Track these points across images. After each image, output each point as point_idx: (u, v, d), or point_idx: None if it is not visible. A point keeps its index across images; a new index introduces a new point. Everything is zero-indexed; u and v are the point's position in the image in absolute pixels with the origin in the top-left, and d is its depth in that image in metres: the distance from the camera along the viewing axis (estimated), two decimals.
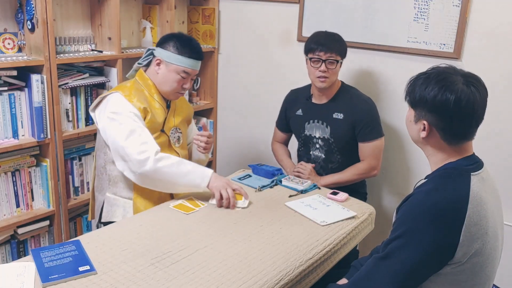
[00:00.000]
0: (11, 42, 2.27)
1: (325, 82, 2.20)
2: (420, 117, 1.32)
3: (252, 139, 3.14)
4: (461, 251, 1.21)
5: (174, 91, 2.03)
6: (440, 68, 1.33)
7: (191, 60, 1.99)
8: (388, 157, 2.52)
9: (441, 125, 1.29)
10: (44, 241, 2.45)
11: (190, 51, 1.99)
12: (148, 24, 2.82)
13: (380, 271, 1.28)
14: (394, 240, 1.27)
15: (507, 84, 2.16)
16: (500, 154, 2.22)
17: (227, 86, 3.21)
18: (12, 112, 2.19)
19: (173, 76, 1.99)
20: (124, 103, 1.92)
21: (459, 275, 1.25)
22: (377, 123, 2.26)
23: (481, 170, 1.32)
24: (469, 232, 1.21)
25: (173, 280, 1.38)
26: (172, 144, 2.09)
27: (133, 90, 1.99)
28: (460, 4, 2.18)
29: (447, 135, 1.30)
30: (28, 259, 1.46)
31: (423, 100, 1.29)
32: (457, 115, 1.25)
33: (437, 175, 1.32)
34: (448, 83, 1.26)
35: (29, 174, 2.32)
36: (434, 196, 1.25)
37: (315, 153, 2.37)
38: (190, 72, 2.01)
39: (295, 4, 2.73)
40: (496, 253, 1.31)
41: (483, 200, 1.25)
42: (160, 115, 2.03)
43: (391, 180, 2.59)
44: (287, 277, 1.46)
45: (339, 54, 2.19)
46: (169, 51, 1.98)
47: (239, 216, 1.81)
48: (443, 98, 1.25)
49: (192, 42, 2.02)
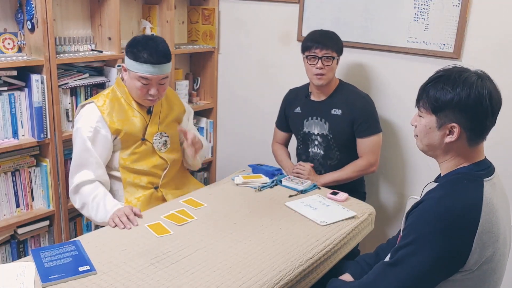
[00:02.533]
0: (11, 42, 2.27)
1: (322, 79, 2.22)
2: (446, 121, 1.27)
3: (252, 139, 3.14)
4: (473, 259, 1.19)
5: (141, 98, 1.97)
6: (451, 69, 1.30)
7: (146, 66, 1.88)
8: (388, 156, 2.52)
9: (471, 125, 1.25)
10: (44, 241, 2.45)
11: (146, 56, 1.87)
12: (148, 24, 2.82)
13: (388, 277, 1.26)
14: (404, 247, 1.25)
15: (507, 84, 2.15)
16: (500, 154, 2.21)
17: (227, 86, 3.21)
18: (12, 112, 2.19)
19: (135, 83, 1.93)
20: (91, 117, 1.94)
21: (468, 282, 1.23)
22: (374, 119, 2.26)
23: (493, 175, 1.30)
24: (481, 240, 1.19)
25: (173, 280, 1.38)
26: (157, 150, 2.05)
27: (109, 99, 1.98)
28: (460, 4, 2.18)
29: (474, 136, 1.27)
30: (28, 259, 1.46)
31: (451, 102, 1.24)
32: (489, 110, 1.24)
33: (449, 181, 1.29)
34: (473, 82, 1.24)
35: (29, 174, 2.32)
36: (446, 203, 1.22)
37: (314, 150, 2.37)
38: (150, 78, 1.89)
39: (295, 4, 2.73)
40: (505, 259, 1.30)
41: (495, 207, 1.23)
42: (138, 123, 2.00)
43: (390, 179, 2.59)
44: (287, 277, 1.46)
45: (335, 50, 2.21)
46: (128, 57, 1.93)
47: (239, 216, 1.81)
48: (477, 96, 1.22)
49: (149, 46, 1.89)
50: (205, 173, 3.38)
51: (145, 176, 2.04)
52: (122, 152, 2.00)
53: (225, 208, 1.87)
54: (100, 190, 1.92)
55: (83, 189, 1.92)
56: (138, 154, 2.01)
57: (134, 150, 2.00)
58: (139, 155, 2.02)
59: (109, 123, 1.93)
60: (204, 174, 3.38)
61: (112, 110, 1.96)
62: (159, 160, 2.06)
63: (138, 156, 2.01)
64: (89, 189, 1.91)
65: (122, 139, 1.97)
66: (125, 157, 2.00)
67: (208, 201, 1.92)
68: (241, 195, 2.01)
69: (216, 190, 2.07)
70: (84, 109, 1.99)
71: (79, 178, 1.92)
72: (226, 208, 1.87)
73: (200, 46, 3.09)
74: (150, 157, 2.04)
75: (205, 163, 3.34)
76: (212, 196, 1.98)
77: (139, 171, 2.02)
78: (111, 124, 1.94)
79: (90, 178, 1.92)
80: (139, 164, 2.02)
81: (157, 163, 2.06)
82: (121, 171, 2.00)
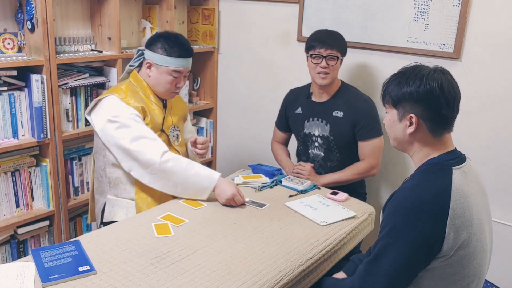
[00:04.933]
0: (11, 42, 2.27)
1: (326, 79, 2.21)
2: (405, 113, 1.34)
3: (252, 139, 3.14)
4: (448, 244, 1.23)
5: (169, 92, 2.03)
6: (409, 66, 1.38)
7: (180, 60, 1.98)
8: (388, 157, 2.52)
9: (428, 115, 1.32)
10: (44, 241, 2.45)
11: (178, 50, 1.97)
12: (148, 24, 2.82)
13: (372, 274, 1.30)
14: (381, 240, 1.30)
15: (507, 84, 2.16)
16: (499, 153, 2.22)
17: (227, 86, 3.21)
18: (12, 112, 2.19)
19: (165, 78, 1.99)
20: (122, 105, 1.92)
21: (447, 269, 1.26)
22: (376, 122, 2.26)
23: (463, 164, 1.34)
24: (454, 225, 1.23)
25: (173, 280, 1.38)
26: (172, 142, 2.09)
27: (129, 91, 1.99)
28: (460, 4, 2.18)
29: (434, 125, 1.33)
30: (28, 259, 1.46)
31: (406, 94, 1.32)
32: (442, 100, 1.29)
33: (420, 171, 1.35)
34: (426, 75, 1.31)
35: (29, 174, 2.32)
36: (416, 191, 1.27)
37: (314, 151, 2.37)
38: (182, 71, 2.01)
39: (295, 4, 2.73)
40: (484, 245, 1.32)
41: (465, 193, 1.27)
42: (158, 115, 2.03)
43: (391, 179, 2.59)
44: (287, 277, 1.46)
45: (339, 51, 2.21)
46: (158, 53, 1.97)
47: (239, 216, 1.81)
48: (427, 87, 1.30)
49: (179, 41, 2.00)
50: None
51: None
52: None
53: (225, 208, 1.87)
54: (184, 159, 1.91)
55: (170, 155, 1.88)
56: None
57: None
58: None
59: (136, 108, 1.94)
60: None
61: (135, 101, 1.96)
62: (174, 152, 2.05)
63: None
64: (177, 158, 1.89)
65: (148, 124, 1.96)
66: None
67: (208, 201, 1.92)
68: None
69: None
70: (107, 99, 1.95)
71: (161, 147, 1.88)
72: (226, 208, 1.87)
73: (200, 46, 3.10)
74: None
75: (205, 163, 3.34)
76: (212, 196, 1.98)
77: None
78: (137, 108, 1.94)
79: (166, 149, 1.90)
80: None
81: None
82: None
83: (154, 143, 1.88)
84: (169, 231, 1.66)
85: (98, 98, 1.99)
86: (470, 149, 2.19)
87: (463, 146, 1.56)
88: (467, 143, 2.24)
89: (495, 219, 2.14)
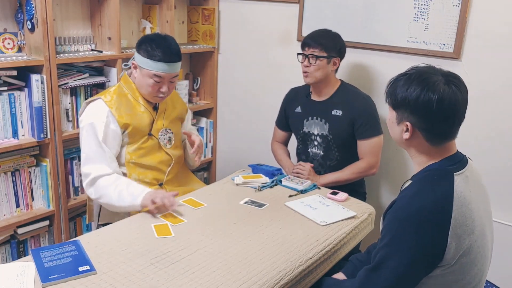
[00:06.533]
0: (11, 42, 2.27)
1: (307, 77, 2.23)
2: (402, 119, 1.31)
3: (252, 139, 3.14)
4: (450, 253, 1.21)
5: (151, 95, 2.00)
6: (421, 68, 1.32)
7: (161, 64, 1.92)
8: (387, 156, 2.52)
9: (424, 126, 1.28)
10: (44, 241, 2.45)
11: (160, 54, 1.91)
12: (148, 24, 2.82)
13: (372, 282, 1.28)
14: (382, 249, 1.27)
15: (506, 84, 2.15)
16: (499, 153, 2.21)
17: (227, 86, 3.21)
18: (12, 112, 2.19)
19: (147, 80, 1.96)
20: (100, 113, 1.94)
21: (449, 276, 1.25)
22: (375, 121, 2.26)
23: (465, 168, 1.30)
24: (456, 234, 1.20)
25: (173, 280, 1.38)
26: (162, 146, 2.08)
27: (116, 95, 1.99)
28: (460, 4, 2.18)
29: (430, 136, 1.29)
30: (28, 259, 1.46)
31: (405, 101, 1.27)
32: (440, 115, 1.24)
33: (420, 178, 1.31)
34: (429, 83, 1.24)
35: (29, 174, 2.32)
36: (418, 200, 1.23)
37: (314, 150, 2.37)
38: (163, 76, 1.94)
39: (295, 4, 2.73)
40: (485, 250, 1.30)
41: (467, 199, 1.24)
42: (145, 119, 2.02)
43: (390, 179, 2.59)
44: (287, 277, 1.46)
45: (325, 50, 2.20)
46: (141, 55, 1.95)
47: (239, 216, 1.81)
48: (426, 99, 1.23)
49: (165, 44, 1.94)
50: (205, 173, 3.38)
51: (151, 171, 2.04)
52: (129, 147, 2.01)
53: (225, 208, 1.87)
54: (123, 180, 1.91)
55: (100, 181, 1.90)
56: (145, 149, 2.03)
57: (141, 145, 2.02)
58: (145, 150, 2.03)
59: (118, 117, 1.95)
60: (204, 174, 3.38)
61: (120, 105, 1.97)
62: (165, 156, 2.08)
63: (144, 151, 2.03)
64: (108, 180, 1.90)
65: (130, 134, 1.98)
66: (131, 151, 2.00)
67: (208, 201, 1.92)
68: (241, 195, 2.01)
69: (216, 190, 2.07)
70: (92, 105, 1.99)
71: (96, 171, 1.91)
72: (226, 208, 1.87)
73: (200, 46, 3.10)
74: (156, 152, 2.06)
75: (205, 163, 3.34)
76: (212, 196, 1.98)
77: (145, 166, 2.03)
78: (120, 118, 1.95)
79: (107, 172, 1.92)
80: (145, 159, 2.03)
81: (163, 159, 2.07)
82: (127, 166, 2.01)
83: (94, 163, 1.92)
84: (169, 232, 1.65)
85: (88, 100, 2.03)
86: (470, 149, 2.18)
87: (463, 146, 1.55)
88: (467, 143, 2.24)
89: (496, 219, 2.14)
